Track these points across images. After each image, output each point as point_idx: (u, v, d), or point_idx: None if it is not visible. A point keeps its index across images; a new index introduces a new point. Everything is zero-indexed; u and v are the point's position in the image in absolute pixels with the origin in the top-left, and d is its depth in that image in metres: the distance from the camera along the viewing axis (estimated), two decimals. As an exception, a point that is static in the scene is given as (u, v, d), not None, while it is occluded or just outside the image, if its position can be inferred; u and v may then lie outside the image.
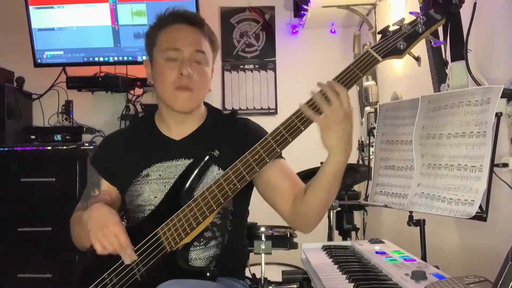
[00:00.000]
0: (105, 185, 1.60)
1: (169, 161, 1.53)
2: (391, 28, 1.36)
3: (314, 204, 1.40)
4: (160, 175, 1.53)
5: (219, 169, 1.50)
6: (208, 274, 1.36)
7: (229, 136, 1.57)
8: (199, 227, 1.38)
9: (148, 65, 1.61)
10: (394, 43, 1.33)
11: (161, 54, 1.52)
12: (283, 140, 1.32)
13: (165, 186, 1.51)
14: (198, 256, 1.49)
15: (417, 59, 1.37)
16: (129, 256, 1.37)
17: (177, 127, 1.58)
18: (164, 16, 1.58)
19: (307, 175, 2.39)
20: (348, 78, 1.31)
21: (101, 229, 1.36)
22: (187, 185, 1.43)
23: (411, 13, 1.37)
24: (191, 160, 1.47)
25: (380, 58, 1.33)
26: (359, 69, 1.32)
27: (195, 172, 1.44)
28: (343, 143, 1.30)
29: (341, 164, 1.33)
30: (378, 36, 1.38)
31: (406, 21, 1.35)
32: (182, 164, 1.51)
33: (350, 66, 1.33)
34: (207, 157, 1.44)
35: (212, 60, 1.59)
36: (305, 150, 2.79)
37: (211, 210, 1.36)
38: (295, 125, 1.31)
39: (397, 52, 1.33)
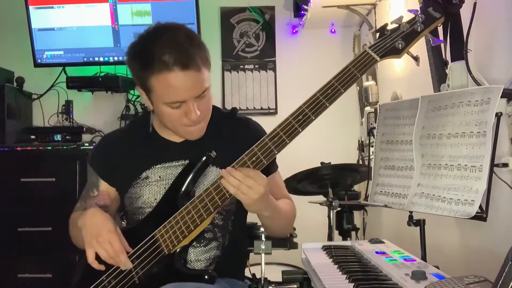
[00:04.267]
0: (103, 185, 1.58)
1: (169, 162, 1.51)
2: (389, 27, 1.34)
3: (269, 233, 1.69)
4: (160, 177, 1.51)
5: None
6: (206, 277, 1.35)
7: (231, 136, 1.54)
8: (197, 229, 1.37)
9: (144, 93, 1.45)
10: (392, 42, 1.32)
11: (162, 103, 1.39)
12: (280, 142, 1.31)
13: (165, 188, 1.49)
14: (198, 258, 1.48)
15: (416, 58, 1.36)
16: (123, 264, 1.36)
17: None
18: (151, 58, 1.34)
19: (307, 175, 2.41)
20: (345, 78, 1.31)
21: (95, 237, 1.35)
22: (184, 186, 1.42)
23: (409, 11, 1.36)
24: None
25: (378, 58, 1.32)
26: (357, 69, 1.31)
27: (192, 173, 1.42)
28: (262, 207, 1.38)
29: (268, 217, 1.44)
30: (377, 35, 1.37)
31: (405, 20, 1.34)
32: (182, 165, 1.49)
33: (348, 66, 1.32)
34: (204, 158, 1.42)
35: (209, 75, 1.43)
36: (305, 150, 2.80)
37: (208, 212, 1.35)
38: (293, 126, 1.31)
39: (395, 52, 1.32)
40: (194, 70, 1.35)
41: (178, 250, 1.38)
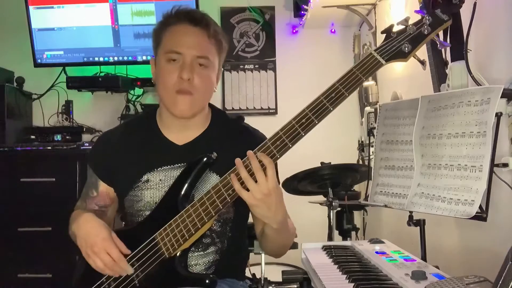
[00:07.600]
0: (103, 186, 1.56)
1: (170, 165, 1.49)
2: (395, 29, 1.31)
3: (268, 250, 1.59)
4: (160, 180, 1.49)
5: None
6: (207, 281, 1.33)
7: (234, 144, 1.50)
8: (198, 233, 1.35)
9: (153, 63, 1.56)
10: (399, 45, 1.29)
11: (164, 55, 1.47)
12: (282, 146, 1.29)
13: (165, 191, 1.47)
14: (197, 262, 1.47)
15: (422, 62, 1.32)
16: (124, 270, 1.35)
17: (180, 132, 1.53)
18: (170, 14, 1.52)
19: (307, 175, 2.41)
20: (350, 81, 1.28)
21: (91, 248, 1.34)
22: (185, 188, 1.40)
23: (416, 11, 1.34)
24: None
25: (383, 62, 1.29)
26: (362, 73, 1.29)
27: (192, 174, 1.40)
28: (270, 215, 1.32)
29: (275, 229, 1.38)
30: (379, 36, 1.36)
31: (411, 21, 1.31)
32: (183, 168, 1.46)
33: (353, 69, 1.29)
34: (205, 159, 1.40)
35: (218, 62, 1.53)
36: (305, 150, 2.80)
37: (209, 216, 1.33)
38: (295, 130, 1.28)
39: (401, 55, 1.29)
40: (203, 31, 1.48)
41: (178, 254, 1.36)
